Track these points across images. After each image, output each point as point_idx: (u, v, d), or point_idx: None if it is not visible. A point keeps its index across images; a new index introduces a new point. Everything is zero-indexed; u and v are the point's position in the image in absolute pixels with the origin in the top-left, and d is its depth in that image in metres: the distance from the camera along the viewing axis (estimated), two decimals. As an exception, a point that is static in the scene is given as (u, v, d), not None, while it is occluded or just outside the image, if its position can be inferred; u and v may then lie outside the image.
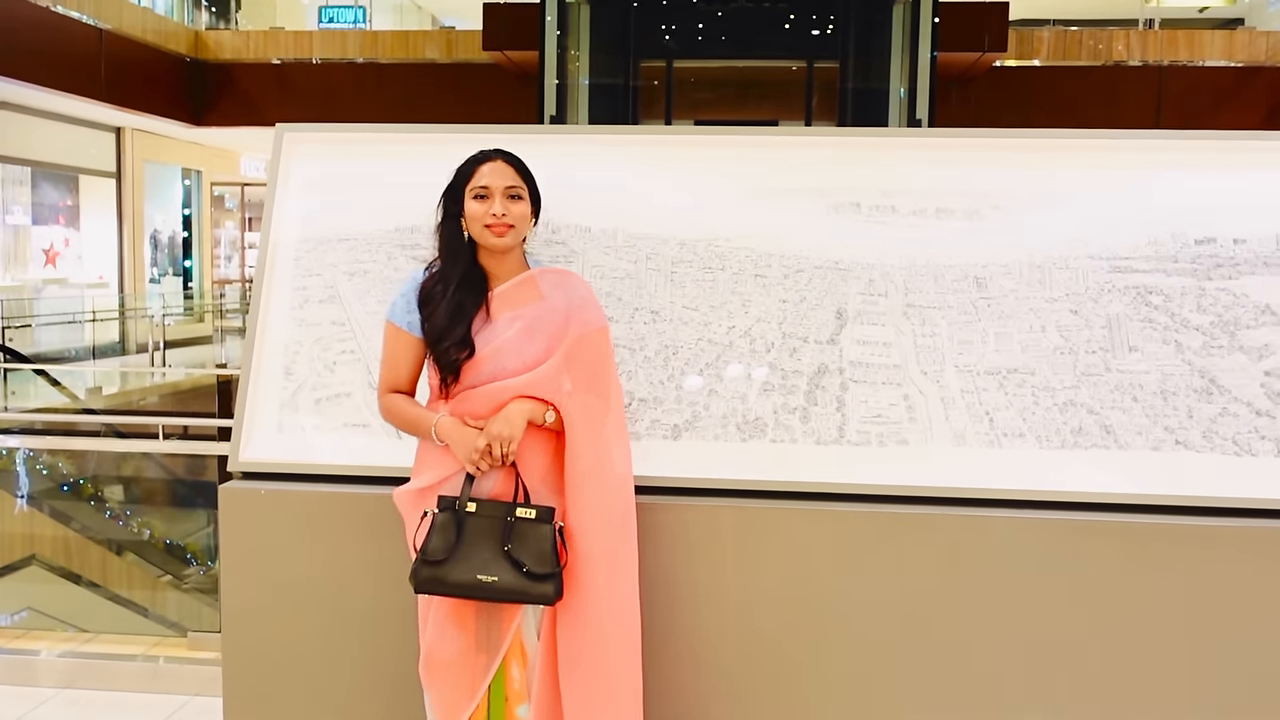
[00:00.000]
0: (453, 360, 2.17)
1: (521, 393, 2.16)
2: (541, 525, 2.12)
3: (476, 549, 2.10)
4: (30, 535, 6.82)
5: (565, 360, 2.19)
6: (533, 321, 2.21)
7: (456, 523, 2.12)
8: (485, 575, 2.09)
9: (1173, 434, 2.38)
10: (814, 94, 12.24)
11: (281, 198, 2.64)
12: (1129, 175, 2.51)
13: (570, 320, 2.22)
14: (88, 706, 3.38)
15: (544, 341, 2.20)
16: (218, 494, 2.45)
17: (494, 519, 2.12)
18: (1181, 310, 2.44)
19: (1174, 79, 13.47)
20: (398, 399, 2.26)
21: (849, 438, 2.42)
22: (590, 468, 2.18)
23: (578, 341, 2.22)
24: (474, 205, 2.21)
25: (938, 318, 2.47)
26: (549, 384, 2.18)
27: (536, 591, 2.10)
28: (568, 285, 2.27)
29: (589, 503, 2.17)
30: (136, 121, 15.16)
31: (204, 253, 18.41)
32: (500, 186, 2.20)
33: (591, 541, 2.16)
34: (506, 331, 2.20)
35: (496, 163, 2.23)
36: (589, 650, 2.17)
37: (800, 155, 2.59)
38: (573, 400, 2.18)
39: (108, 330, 14.79)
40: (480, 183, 2.21)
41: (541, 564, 2.10)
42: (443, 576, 2.10)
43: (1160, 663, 2.31)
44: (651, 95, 12.31)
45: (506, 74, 13.70)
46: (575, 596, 2.16)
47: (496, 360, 2.18)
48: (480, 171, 2.22)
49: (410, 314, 2.23)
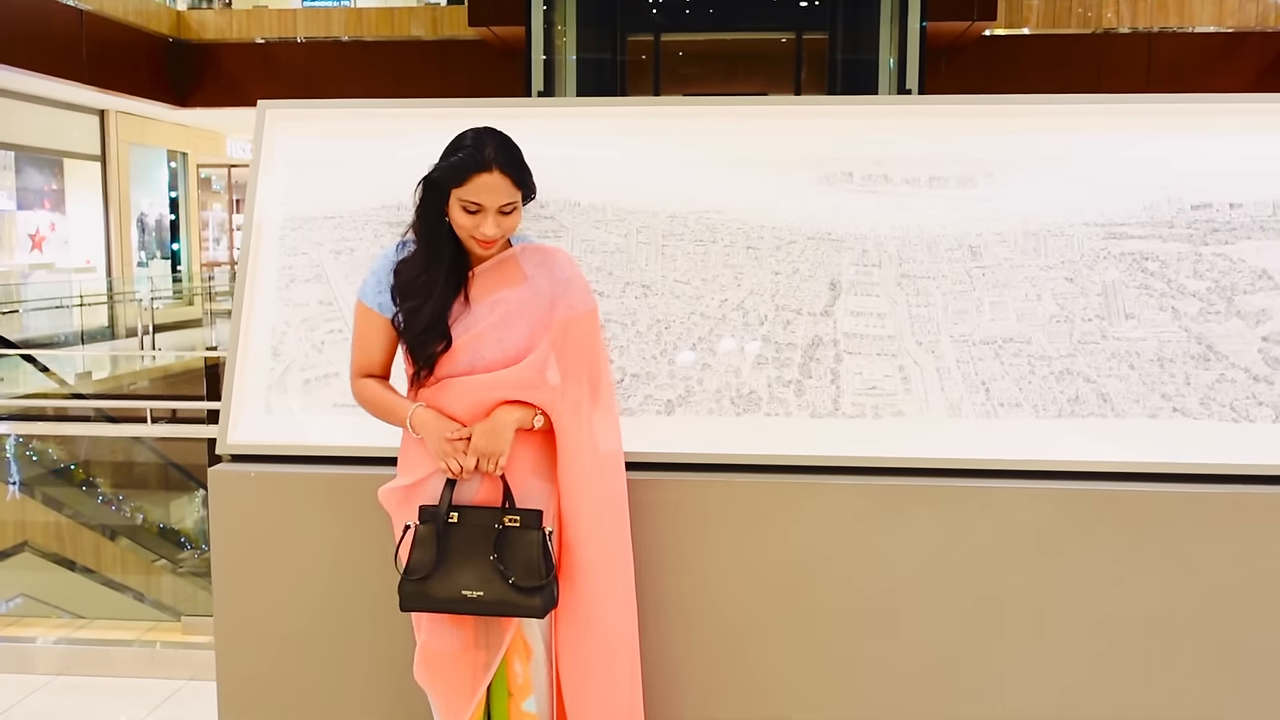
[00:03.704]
0: (429, 354, 2.03)
1: (502, 389, 2.02)
2: (529, 532, 1.99)
3: (461, 562, 1.98)
4: (22, 522, 6.79)
5: (551, 350, 2.06)
6: (514, 306, 2.05)
7: (438, 535, 1.99)
8: (471, 590, 1.97)
9: (1170, 401, 2.36)
10: (803, 66, 12.16)
11: (265, 175, 2.59)
12: (1124, 140, 2.48)
13: (555, 304, 2.07)
14: (82, 692, 3.36)
15: (526, 329, 2.05)
16: (206, 475, 2.43)
17: (479, 528, 1.99)
18: (1178, 276, 2.42)
19: (1164, 45, 13.43)
20: (371, 384, 2.12)
21: (844, 410, 2.39)
22: (586, 472, 2.07)
23: (564, 327, 2.07)
24: (463, 215, 2.01)
25: (932, 287, 2.44)
26: (534, 381, 2.03)
27: (525, 604, 1.97)
28: (552, 265, 2.11)
29: (587, 507, 2.07)
30: (120, 104, 15.03)
31: (191, 236, 18.30)
32: (495, 205, 2.00)
33: (592, 548, 2.07)
34: (486, 318, 2.04)
35: (493, 176, 1.98)
36: (589, 656, 2.09)
37: (791, 125, 2.55)
38: (564, 401, 2.05)
39: (96, 315, 14.70)
40: (473, 198, 1.99)
41: (530, 576, 1.97)
42: (427, 592, 1.98)
43: (1160, 632, 2.30)
44: (639, 70, 12.22)
45: (493, 50, 13.59)
46: (574, 601, 2.08)
47: (475, 349, 2.04)
48: (474, 184, 1.98)
49: (381, 294, 2.08)
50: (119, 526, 7.13)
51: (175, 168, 17.79)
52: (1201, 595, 2.29)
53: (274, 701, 2.46)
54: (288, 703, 2.46)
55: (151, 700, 3.27)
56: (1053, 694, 2.32)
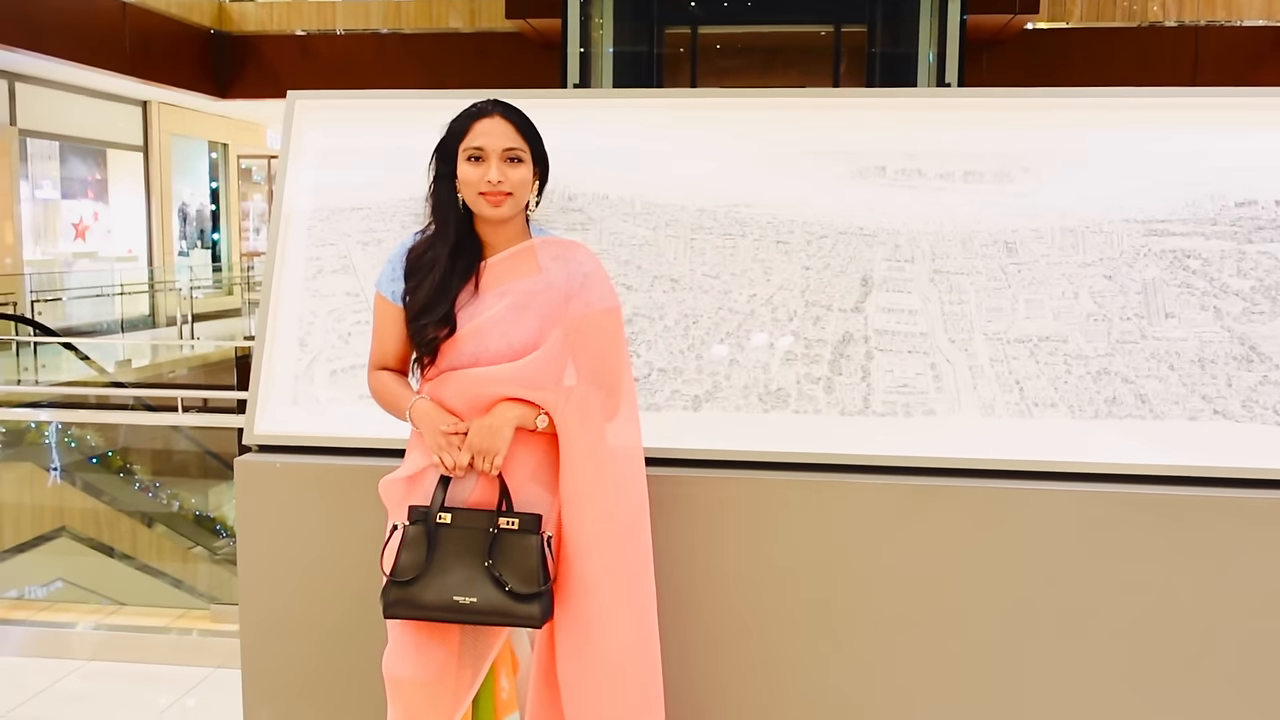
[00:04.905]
0: (430, 338, 1.93)
1: (502, 384, 1.91)
2: (527, 537, 1.86)
3: (452, 565, 1.85)
4: (60, 508, 6.90)
5: (563, 347, 1.94)
6: (523, 298, 1.94)
7: (429, 537, 1.87)
8: (463, 596, 1.83)
9: (1211, 403, 2.30)
10: (841, 59, 12.05)
11: (294, 167, 2.59)
12: (1165, 135, 2.42)
13: (571, 299, 1.95)
14: (114, 677, 3.39)
15: (535, 322, 1.93)
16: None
17: (473, 531, 1.86)
18: (1221, 275, 2.35)
19: (1211, 39, 13.17)
20: (385, 377, 2.04)
21: (874, 408, 2.35)
22: (589, 485, 1.92)
23: (578, 324, 1.95)
24: (468, 169, 1.93)
25: (966, 284, 2.39)
26: (539, 377, 1.91)
27: (522, 613, 1.83)
28: (570, 259, 1.99)
29: (590, 523, 1.91)
30: (163, 95, 15.22)
31: (231, 226, 18.51)
32: (498, 149, 1.92)
33: (592, 563, 1.91)
34: (493, 308, 1.94)
35: (494, 119, 1.93)
36: (594, 681, 1.93)
37: (823, 118, 2.52)
38: (570, 405, 1.91)
39: (137, 304, 14.92)
40: (475, 143, 1.92)
41: (527, 582, 1.83)
42: (414, 598, 1.84)
43: (1196, 639, 2.24)
44: (676, 63, 12.17)
45: (530, 43, 13.59)
46: (571, 621, 1.92)
47: (477, 340, 1.93)
48: (475, 130, 1.93)
49: (395, 282, 2.01)
50: (155, 513, 7.22)
51: (216, 158, 17.99)
52: (1242, 603, 2.23)
53: (298, 690, 2.46)
54: (312, 691, 2.46)
55: (181, 686, 3.30)
56: (1086, 699, 2.27)
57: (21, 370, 9.76)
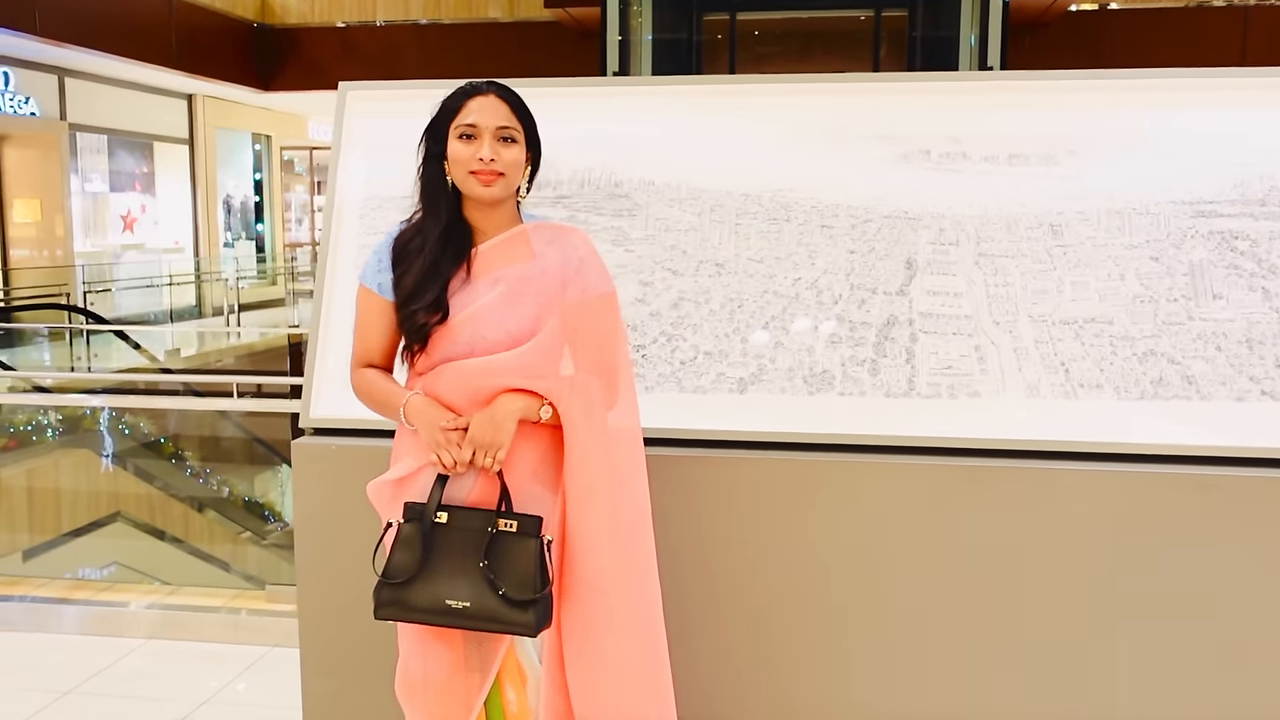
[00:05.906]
0: (421, 325, 1.84)
1: (503, 374, 1.83)
2: (526, 540, 1.77)
3: (447, 567, 1.77)
4: (115, 493, 7.06)
5: (560, 333, 1.87)
6: (517, 284, 1.87)
7: (424, 536, 1.79)
8: (455, 600, 1.75)
9: (1258, 384, 2.29)
10: (882, 44, 11.97)
11: (345, 156, 2.65)
12: (1213, 116, 2.41)
13: (566, 284, 1.89)
14: (174, 655, 3.49)
15: (531, 308, 1.86)
16: (290, 450, 2.50)
17: (469, 531, 1.78)
18: (1269, 256, 2.34)
19: (1260, 18, 12.91)
20: (370, 374, 1.94)
21: (919, 390, 2.37)
22: (597, 475, 1.86)
23: (576, 310, 1.89)
24: (459, 146, 1.87)
25: (1011, 266, 2.40)
26: (540, 365, 1.84)
27: (516, 620, 1.75)
28: (564, 243, 1.93)
29: (596, 519, 1.86)
30: (207, 88, 15.43)
31: (275, 217, 18.74)
32: (490, 126, 1.86)
33: (601, 560, 1.87)
34: (487, 295, 1.86)
35: (488, 97, 1.88)
36: (605, 683, 1.89)
37: (867, 102, 2.53)
38: (574, 394, 1.84)
39: (185, 294, 15.18)
40: (467, 120, 1.87)
41: (522, 589, 1.75)
42: (406, 600, 1.77)
43: (1246, 621, 2.24)
44: (715, 50, 12.15)
45: (569, 31, 13.63)
46: (583, 624, 1.88)
47: (473, 328, 1.85)
48: (468, 107, 1.87)
49: (381, 273, 1.93)
50: (206, 499, 7.37)
51: (260, 150, 18.22)
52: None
53: (355, 666, 2.53)
54: (367, 667, 2.52)
55: (238, 665, 3.39)
56: (1129, 680, 2.28)
57: (75, 359, 9.98)
